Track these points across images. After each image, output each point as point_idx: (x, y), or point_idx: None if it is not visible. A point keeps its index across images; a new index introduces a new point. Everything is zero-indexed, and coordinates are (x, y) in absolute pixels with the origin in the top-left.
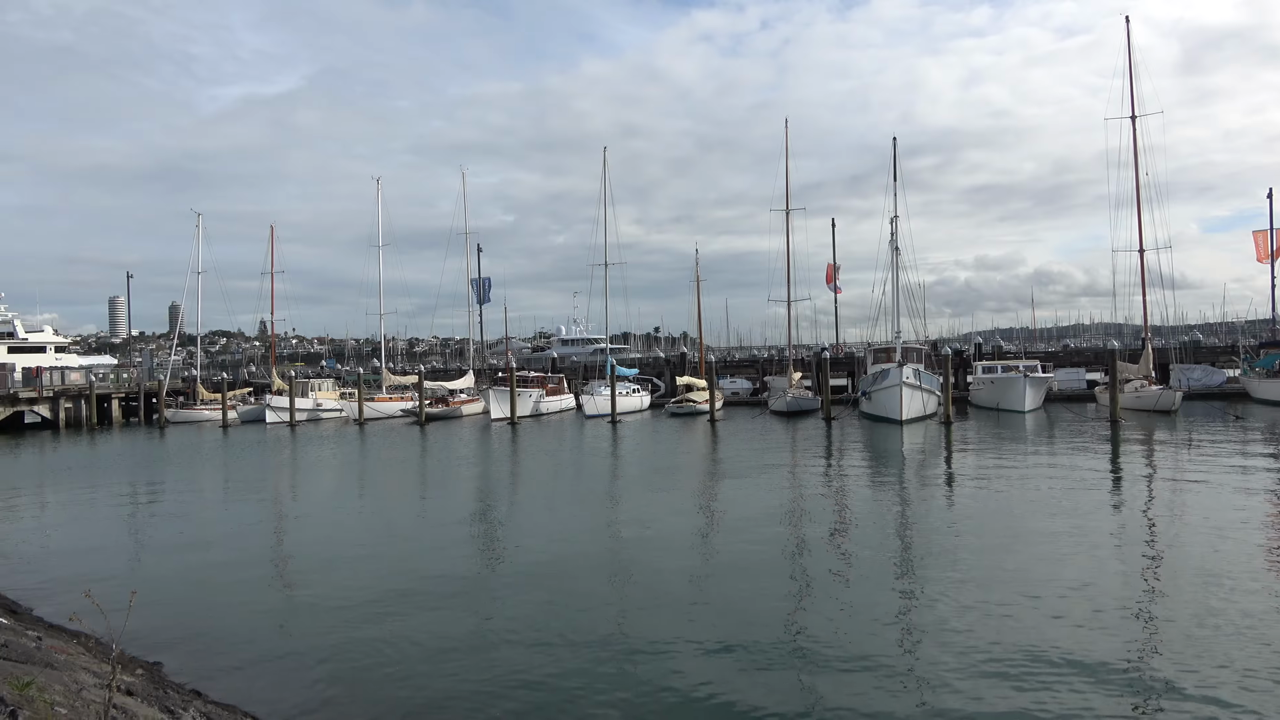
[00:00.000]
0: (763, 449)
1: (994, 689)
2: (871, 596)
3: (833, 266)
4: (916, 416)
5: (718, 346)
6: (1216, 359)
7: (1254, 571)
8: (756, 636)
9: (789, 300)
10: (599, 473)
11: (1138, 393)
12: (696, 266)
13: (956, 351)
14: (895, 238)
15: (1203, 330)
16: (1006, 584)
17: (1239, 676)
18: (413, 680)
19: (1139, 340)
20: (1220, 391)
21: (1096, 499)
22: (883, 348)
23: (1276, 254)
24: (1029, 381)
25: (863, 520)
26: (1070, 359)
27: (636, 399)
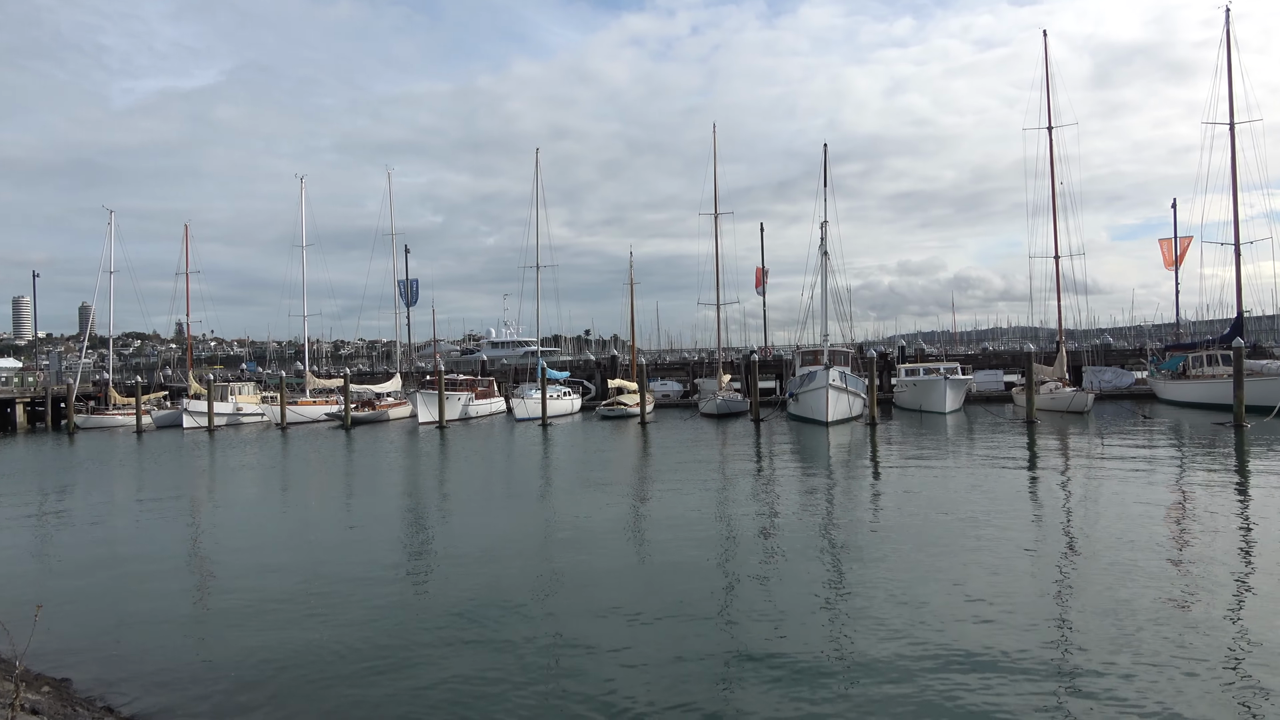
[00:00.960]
0: (693, 451)
1: (917, 679)
2: (799, 592)
3: (761, 270)
4: (842, 418)
5: (649, 349)
6: (1126, 361)
7: (1161, 562)
8: (688, 636)
9: (719, 303)
10: (529, 476)
11: (1052, 394)
12: (630, 270)
13: (881, 354)
14: (825, 242)
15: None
16: (929, 577)
17: (1148, 661)
18: (335, 688)
19: (1054, 343)
20: (1129, 392)
21: (1014, 497)
22: (810, 350)
23: (1180, 261)
24: (949, 384)
25: (791, 519)
26: (989, 361)
27: (567, 402)
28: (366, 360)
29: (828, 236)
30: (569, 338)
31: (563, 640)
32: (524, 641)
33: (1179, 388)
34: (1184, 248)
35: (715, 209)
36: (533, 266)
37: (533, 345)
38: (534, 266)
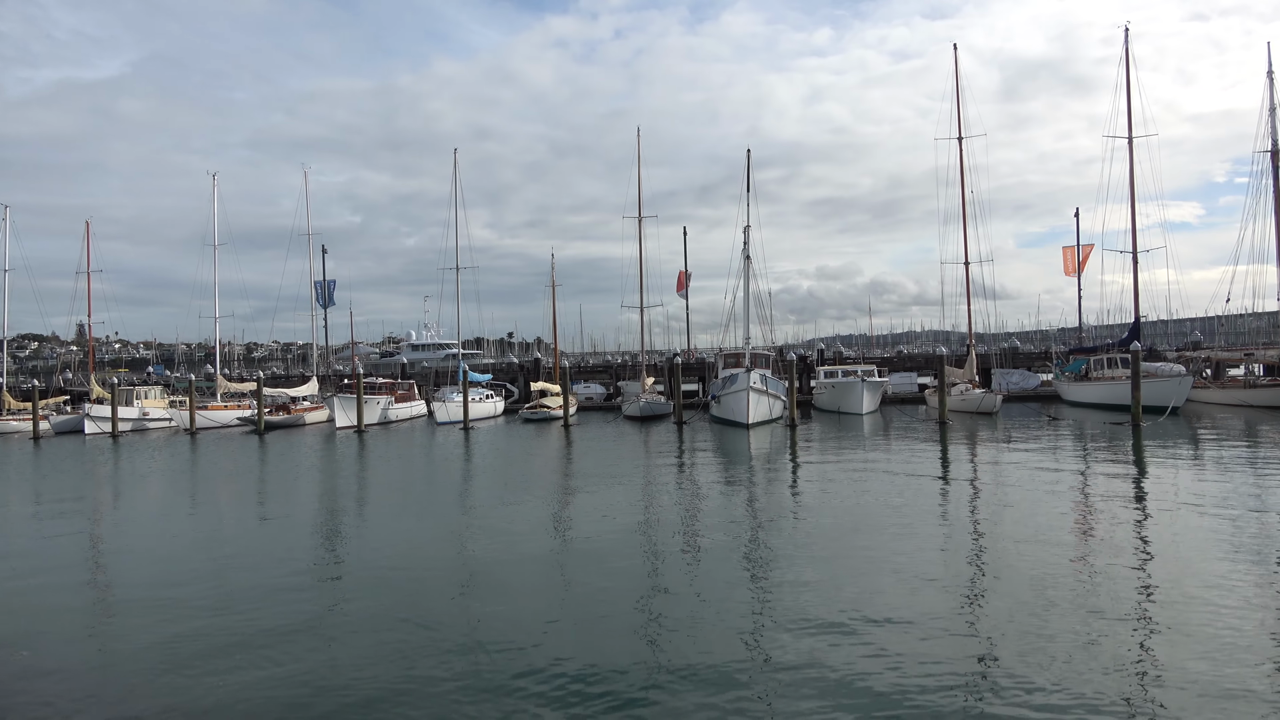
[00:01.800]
0: (616, 453)
1: (833, 674)
2: (720, 593)
3: (684, 274)
4: (763, 420)
5: (572, 352)
6: (1032, 364)
7: (1066, 553)
8: (608, 642)
9: (642, 306)
10: (450, 481)
11: (963, 396)
12: (553, 272)
13: (801, 357)
14: (747, 247)
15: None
16: (845, 574)
17: (1057, 649)
18: (242, 706)
19: (965, 347)
20: (1035, 394)
21: (928, 495)
22: (732, 353)
23: (1083, 268)
24: (866, 386)
25: (712, 520)
26: (904, 364)
27: (490, 405)
28: (281, 363)
29: (749, 241)
30: (491, 340)
31: (479, 648)
32: (438, 650)
33: (1082, 389)
34: (1086, 255)
35: (639, 212)
36: (454, 268)
37: (454, 348)
38: (455, 268)
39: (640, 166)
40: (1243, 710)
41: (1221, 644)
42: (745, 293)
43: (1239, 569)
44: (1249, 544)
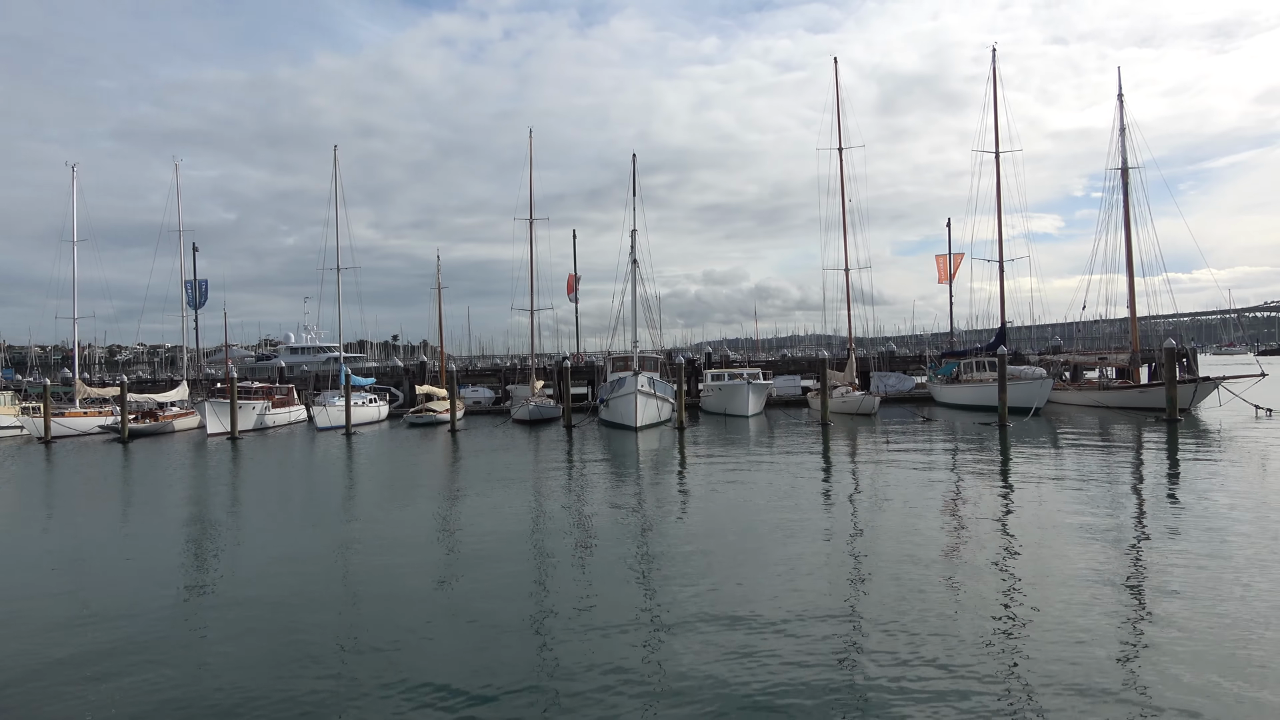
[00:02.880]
0: (505, 457)
1: (722, 674)
2: (609, 594)
3: (574, 277)
4: (651, 422)
5: (460, 355)
6: (907, 367)
7: (938, 546)
8: (495, 651)
9: (532, 309)
10: (331, 488)
11: (844, 398)
12: (439, 274)
13: (689, 360)
14: (634, 251)
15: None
16: (732, 573)
17: (937, 640)
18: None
19: (845, 350)
20: (910, 396)
21: (811, 493)
22: (621, 357)
23: (954, 275)
24: (752, 388)
25: (601, 522)
26: (788, 367)
27: (373, 409)
28: (148, 367)
29: (637, 245)
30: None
31: (360, 660)
32: (314, 663)
33: (953, 391)
34: (957, 263)
35: (530, 214)
36: (335, 268)
37: (335, 351)
38: (336, 268)
39: (531, 168)
40: (1097, 696)
41: (1076, 629)
42: (633, 296)
43: (1093, 557)
44: (1103, 534)
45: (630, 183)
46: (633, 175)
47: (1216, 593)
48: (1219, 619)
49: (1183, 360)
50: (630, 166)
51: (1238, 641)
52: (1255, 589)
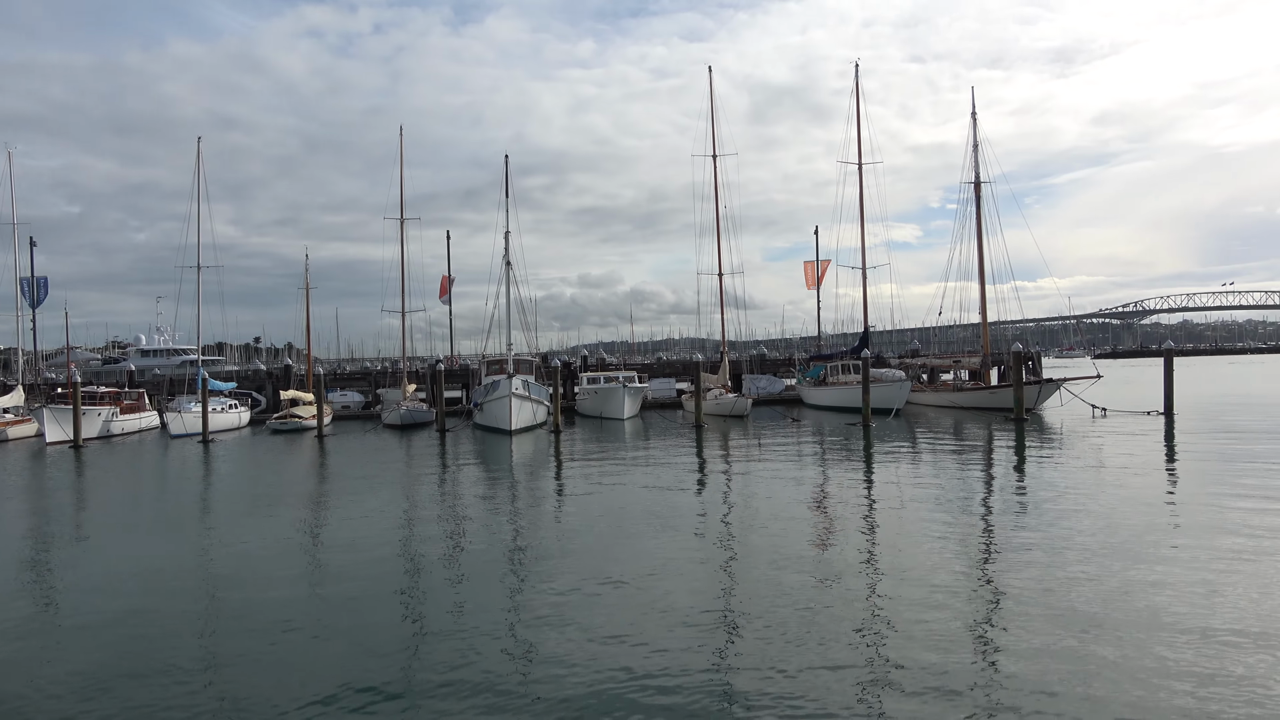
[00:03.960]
0: (375, 463)
1: (594, 676)
2: (481, 602)
3: (448, 278)
4: (526, 426)
5: (328, 358)
6: (778, 370)
7: (807, 540)
8: (364, 666)
9: (403, 311)
10: (186, 500)
11: (717, 400)
12: (306, 273)
13: (565, 363)
14: (509, 252)
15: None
16: (607, 576)
17: (801, 641)
18: None
19: (719, 353)
20: (781, 398)
21: (685, 494)
22: (496, 359)
23: (821, 281)
24: (628, 391)
25: (474, 527)
26: (663, 370)
27: (234, 415)
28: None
29: (512, 247)
30: (236, 345)
31: (217, 679)
32: (167, 685)
33: (820, 393)
34: (823, 270)
35: (401, 214)
36: (194, 266)
37: (192, 353)
38: (196, 266)
39: (403, 166)
40: (950, 690)
41: (931, 622)
42: (508, 299)
43: (949, 550)
44: (958, 528)
45: (504, 184)
46: (506, 176)
47: (1062, 582)
48: (1065, 609)
49: (1028, 363)
50: (504, 168)
51: (1083, 633)
52: (1098, 580)
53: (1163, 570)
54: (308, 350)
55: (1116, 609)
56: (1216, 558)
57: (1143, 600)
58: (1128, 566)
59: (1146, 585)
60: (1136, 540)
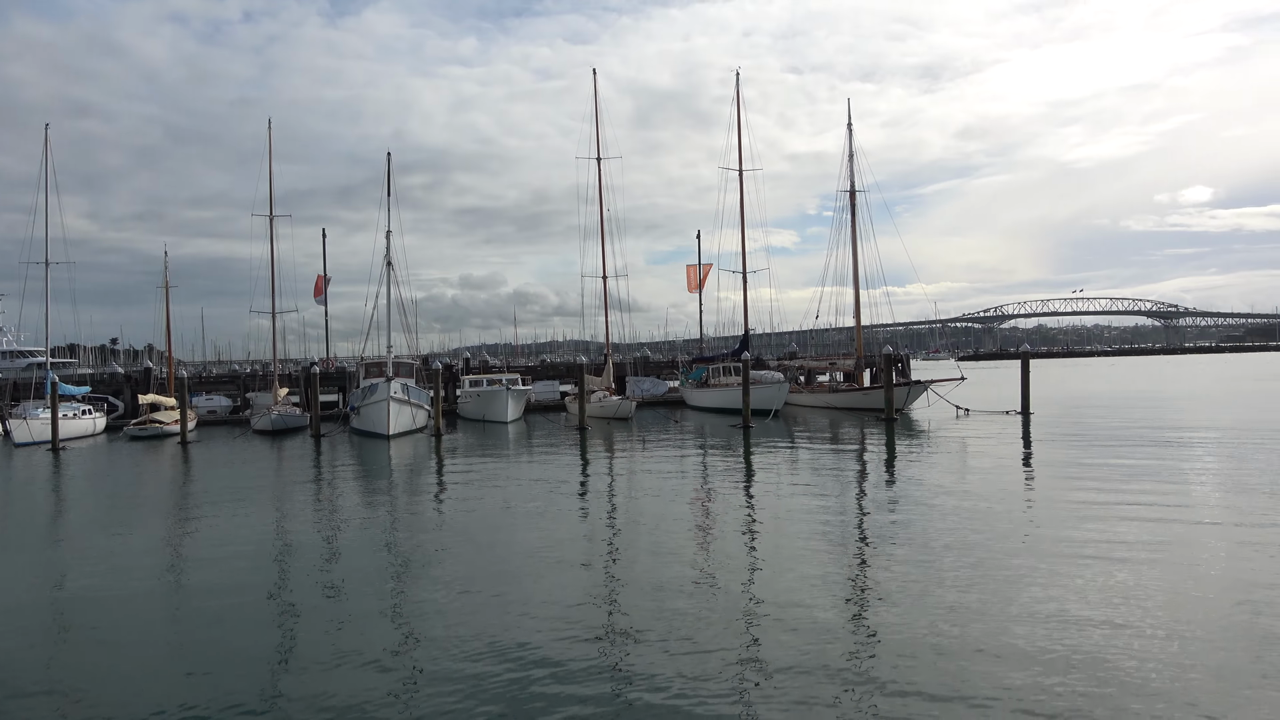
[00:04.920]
0: (244, 471)
1: (473, 689)
2: (359, 613)
3: (323, 278)
4: (405, 430)
5: (192, 361)
6: (661, 372)
7: (688, 544)
8: (231, 678)
9: (274, 311)
10: (33, 515)
11: (601, 402)
12: (165, 271)
13: (446, 366)
14: (390, 252)
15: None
16: (489, 583)
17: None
18: None
19: (602, 356)
20: (664, 400)
21: (569, 496)
22: (374, 362)
23: (703, 285)
24: (511, 394)
25: (350, 536)
26: (547, 373)
27: (88, 421)
28: None
29: (393, 246)
30: (90, 347)
31: (68, 703)
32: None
33: (703, 395)
34: (705, 273)
35: (271, 210)
36: (43, 262)
37: (40, 356)
38: (44, 262)
39: (272, 161)
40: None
41: (810, 619)
42: (388, 300)
43: (825, 547)
44: (833, 525)
45: (385, 181)
46: (388, 174)
47: (929, 573)
48: (933, 598)
49: (899, 365)
50: (385, 164)
51: (949, 621)
52: (962, 570)
53: (1019, 562)
54: (168, 352)
55: (979, 597)
56: (1068, 549)
57: (1002, 588)
58: (988, 556)
59: (1004, 574)
60: (995, 532)
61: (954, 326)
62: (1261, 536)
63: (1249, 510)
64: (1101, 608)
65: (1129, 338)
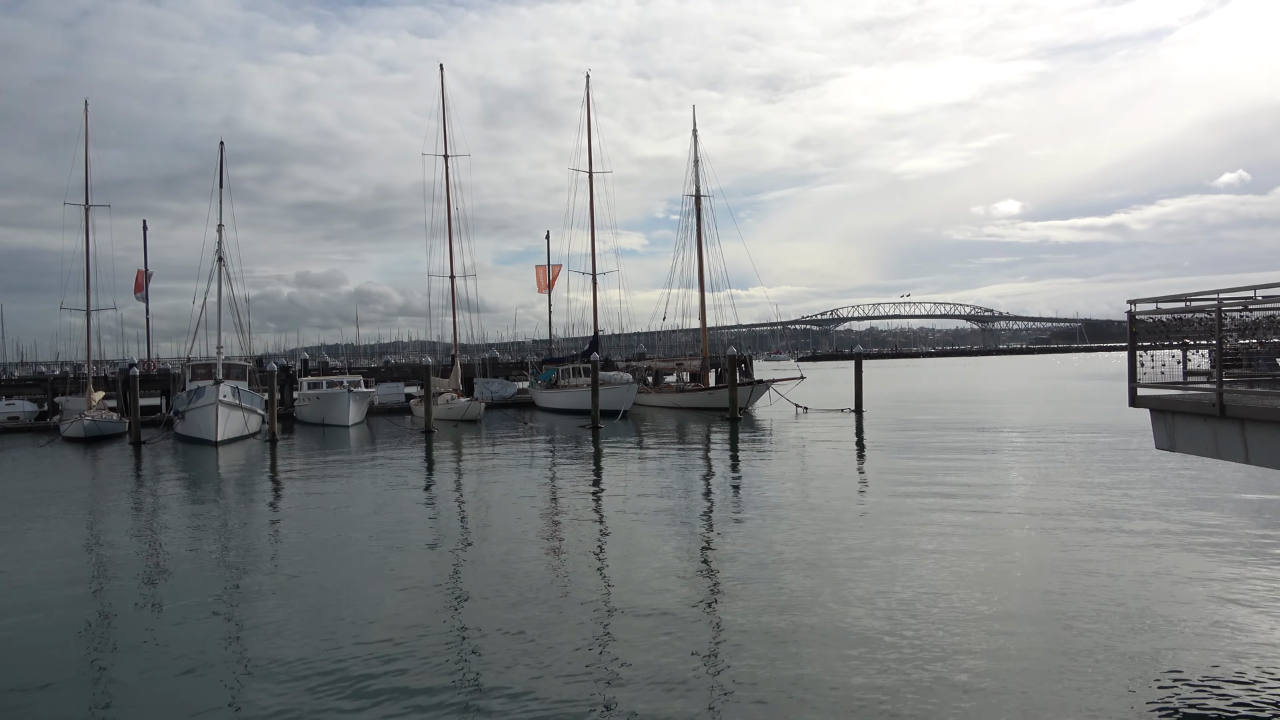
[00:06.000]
0: (50, 482)
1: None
2: (184, 634)
3: (144, 273)
4: (236, 436)
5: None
6: (510, 373)
7: (539, 546)
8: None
9: (88, 309)
10: None
11: (449, 404)
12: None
13: (283, 368)
14: (221, 246)
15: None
16: (331, 596)
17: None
18: None
19: (450, 357)
20: (513, 401)
21: (414, 502)
22: (203, 364)
23: (552, 285)
24: (353, 396)
25: (173, 553)
26: (391, 374)
27: None
28: None
29: (224, 240)
30: None
31: None
32: None
33: (552, 396)
34: (555, 274)
35: (86, 199)
36: None
37: None
38: None
39: (88, 145)
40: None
41: (659, 614)
42: (219, 297)
43: (673, 542)
44: (681, 520)
45: (217, 171)
46: (220, 165)
47: (771, 565)
48: (772, 588)
49: (742, 366)
50: (217, 154)
51: (791, 609)
52: (803, 561)
53: (853, 552)
54: None
55: (815, 584)
56: (898, 540)
57: (836, 574)
58: (825, 545)
59: (840, 563)
60: (831, 524)
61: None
62: (1062, 524)
63: (1052, 498)
64: (925, 592)
65: (951, 340)
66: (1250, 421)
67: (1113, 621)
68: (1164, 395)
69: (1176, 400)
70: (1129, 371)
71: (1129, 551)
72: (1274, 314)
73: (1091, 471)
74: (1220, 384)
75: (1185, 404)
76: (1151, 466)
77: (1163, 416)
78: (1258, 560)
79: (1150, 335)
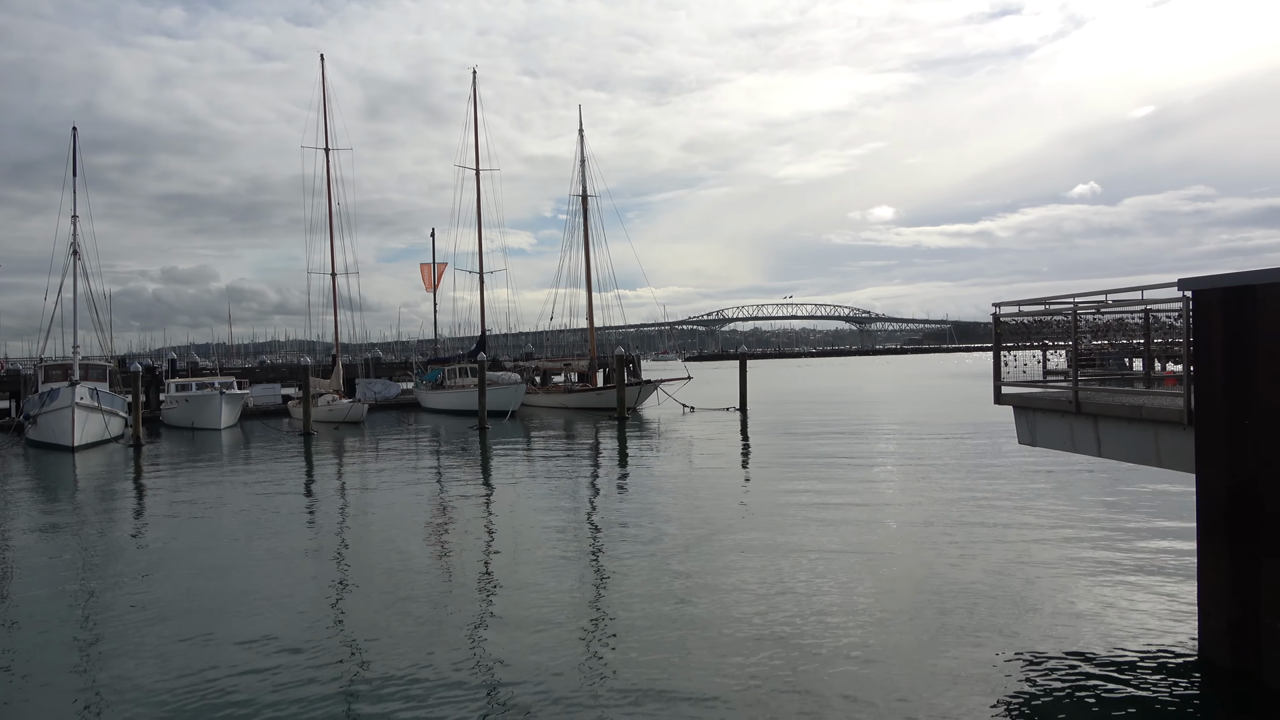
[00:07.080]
0: None
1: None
2: (37, 658)
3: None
4: (95, 441)
5: None
6: (394, 374)
7: (424, 551)
8: None
9: None
10: None
11: (330, 406)
12: None
13: (148, 368)
14: (76, 239)
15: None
16: (200, 614)
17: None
18: None
19: (330, 357)
20: (397, 402)
21: (293, 508)
22: (57, 365)
23: (438, 284)
24: (225, 398)
25: (23, 565)
26: (267, 375)
27: None
28: None
29: (81, 232)
30: None
31: None
32: None
33: (438, 397)
34: (440, 273)
35: None
36: None
37: None
38: None
39: None
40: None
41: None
42: (74, 293)
43: (560, 541)
44: (569, 522)
45: (71, 159)
46: (74, 151)
47: (656, 561)
48: (658, 584)
49: (630, 366)
50: (71, 140)
51: (679, 603)
52: (689, 556)
53: (736, 548)
54: None
55: (700, 581)
56: (778, 535)
57: (721, 569)
58: (709, 541)
59: (723, 558)
60: (716, 520)
61: (681, 329)
62: (934, 514)
63: (924, 492)
64: (805, 582)
65: (831, 340)
66: (1102, 418)
67: (981, 604)
68: (1025, 393)
69: (1037, 398)
70: (994, 371)
71: (993, 541)
72: (1123, 317)
73: (960, 467)
74: (1076, 383)
75: (1044, 401)
76: (1014, 460)
77: (1024, 413)
78: (1108, 544)
79: (1013, 337)
